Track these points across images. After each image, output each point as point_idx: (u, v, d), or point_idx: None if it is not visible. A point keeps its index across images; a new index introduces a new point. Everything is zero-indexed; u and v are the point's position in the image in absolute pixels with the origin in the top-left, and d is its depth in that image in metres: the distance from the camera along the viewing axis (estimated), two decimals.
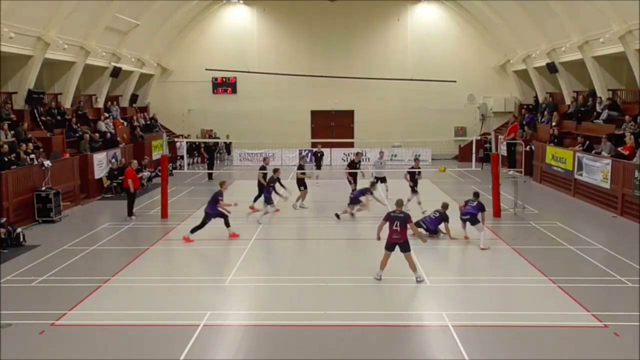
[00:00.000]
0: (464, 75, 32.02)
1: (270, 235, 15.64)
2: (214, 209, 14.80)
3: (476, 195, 14.63)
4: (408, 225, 11.30)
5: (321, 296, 10.60)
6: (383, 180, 19.63)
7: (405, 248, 11.26)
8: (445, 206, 14.86)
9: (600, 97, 22.58)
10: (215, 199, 14.78)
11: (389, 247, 11.36)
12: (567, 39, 23.11)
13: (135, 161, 19.46)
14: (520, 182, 18.44)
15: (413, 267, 11.27)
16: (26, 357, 8.28)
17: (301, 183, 18.82)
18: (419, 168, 18.94)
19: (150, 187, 23.09)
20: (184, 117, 33.26)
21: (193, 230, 14.68)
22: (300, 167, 19.42)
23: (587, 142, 20.73)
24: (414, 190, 18.19)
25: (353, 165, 19.80)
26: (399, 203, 11.63)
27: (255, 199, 18.42)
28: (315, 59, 32.40)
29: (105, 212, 19.04)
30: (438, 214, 14.82)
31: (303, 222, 17.24)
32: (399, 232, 11.20)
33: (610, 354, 8.26)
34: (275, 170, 17.13)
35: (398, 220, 11.22)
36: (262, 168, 18.74)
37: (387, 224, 11.36)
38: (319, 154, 23.43)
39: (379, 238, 11.52)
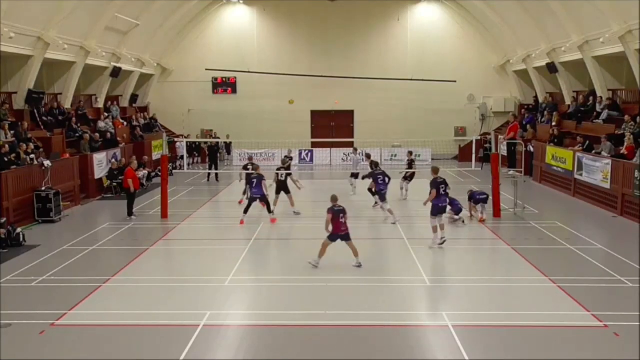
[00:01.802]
0: (464, 75, 32.02)
1: (270, 235, 15.64)
2: (261, 191, 16.23)
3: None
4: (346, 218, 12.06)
5: (321, 296, 10.60)
6: (356, 176, 20.86)
7: (349, 237, 12.06)
8: (435, 170, 13.95)
9: (601, 97, 22.57)
10: (261, 181, 16.27)
11: (335, 238, 12.02)
12: (567, 39, 23.11)
13: (135, 161, 19.44)
14: (520, 182, 18.43)
15: (356, 252, 12.08)
16: (26, 357, 8.28)
17: (284, 188, 17.93)
18: (413, 169, 19.78)
19: (150, 187, 23.11)
20: (184, 117, 33.27)
21: (245, 210, 16.26)
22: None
23: (587, 142, 20.69)
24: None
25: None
26: (334, 198, 12.30)
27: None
28: (315, 59, 32.40)
29: (105, 212, 19.05)
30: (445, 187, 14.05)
31: (303, 222, 17.21)
32: (344, 223, 11.92)
33: (610, 354, 8.25)
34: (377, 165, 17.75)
35: (342, 213, 11.94)
36: (287, 168, 18.64)
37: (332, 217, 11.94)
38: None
39: (328, 231, 12.05)
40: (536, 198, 20.34)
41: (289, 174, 18.86)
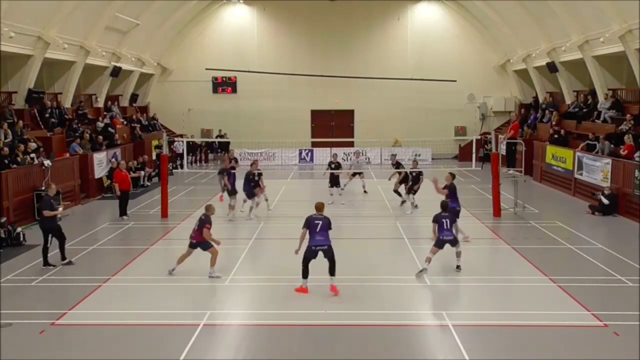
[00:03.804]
0: (464, 74, 32.03)
1: (270, 235, 15.63)
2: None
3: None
4: (204, 229, 11.49)
5: (321, 296, 10.58)
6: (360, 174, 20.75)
7: (206, 246, 11.59)
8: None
9: (606, 94, 22.47)
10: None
11: (193, 245, 11.70)
12: (567, 39, 23.10)
13: (123, 162, 19.25)
14: (520, 181, 18.43)
15: (213, 263, 11.59)
16: (26, 357, 8.29)
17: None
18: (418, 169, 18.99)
19: (150, 187, 23.10)
20: (184, 116, 33.27)
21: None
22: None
23: (597, 141, 20.27)
24: (410, 191, 18.23)
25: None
26: (207, 208, 11.93)
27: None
28: (315, 58, 32.39)
29: (105, 211, 19.03)
30: (449, 221, 11.91)
31: (302, 222, 17.18)
32: (196, 230, 11.59)
33: (610, 354, 8.25)
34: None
35: (198, 221, 11.66)
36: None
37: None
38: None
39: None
40: (536, 198, 20.33)
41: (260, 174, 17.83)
